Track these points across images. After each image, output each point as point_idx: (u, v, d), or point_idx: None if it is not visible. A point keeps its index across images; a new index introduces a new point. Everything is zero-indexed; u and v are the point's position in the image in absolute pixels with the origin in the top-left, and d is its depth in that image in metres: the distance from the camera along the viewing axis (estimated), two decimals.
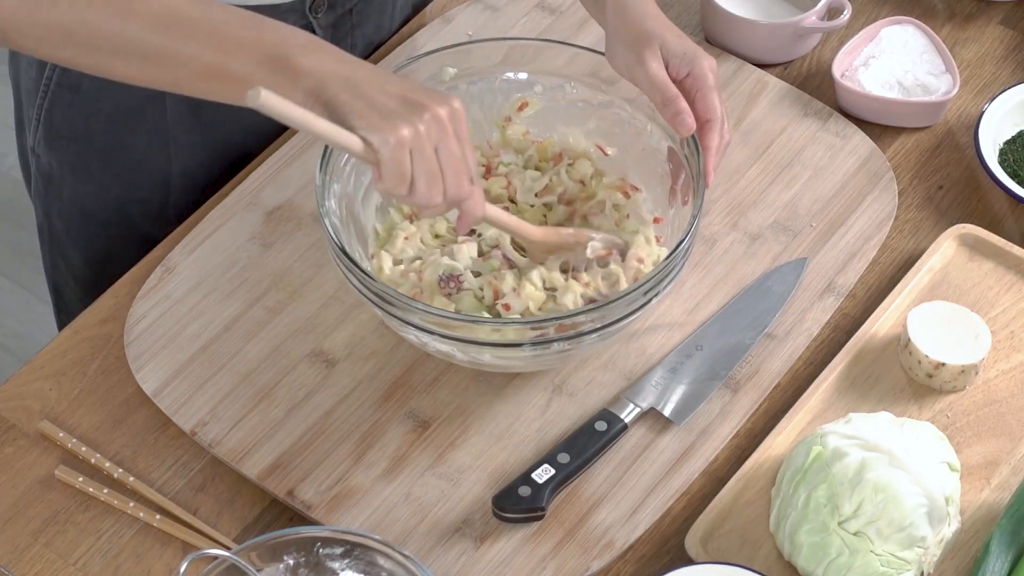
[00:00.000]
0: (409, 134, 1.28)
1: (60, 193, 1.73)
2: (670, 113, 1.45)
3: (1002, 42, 1.79)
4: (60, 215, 1.75)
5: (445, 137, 1.30)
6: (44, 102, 1.67)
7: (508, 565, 1.40)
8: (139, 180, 1.70)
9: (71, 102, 1.65)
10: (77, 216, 1.73)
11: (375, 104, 1.28)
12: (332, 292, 1.55)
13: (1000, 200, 1.66)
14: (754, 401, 1.49)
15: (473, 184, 1.33)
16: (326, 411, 1.48)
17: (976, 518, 1.42)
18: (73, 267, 1.79)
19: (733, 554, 1.40)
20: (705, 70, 1.46)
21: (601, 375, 1.51)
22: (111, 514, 1.43)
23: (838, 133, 1.68)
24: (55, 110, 1.66)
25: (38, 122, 1.68)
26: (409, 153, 1.28)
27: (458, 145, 1.31)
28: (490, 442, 1.47)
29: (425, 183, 1.30)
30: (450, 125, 1.30)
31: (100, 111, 1.65)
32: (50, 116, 1.67)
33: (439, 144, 1.29)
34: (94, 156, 1.68)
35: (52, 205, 1.75)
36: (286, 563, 1.31)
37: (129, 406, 1.50)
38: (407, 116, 1.28)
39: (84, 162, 1.69)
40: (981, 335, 1.50)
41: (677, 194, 1.50)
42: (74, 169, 1.70)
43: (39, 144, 1.70)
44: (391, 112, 1.28)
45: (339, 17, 1.68)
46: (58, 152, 1.69)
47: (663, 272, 1.40)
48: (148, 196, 1.71)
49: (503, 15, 1.77)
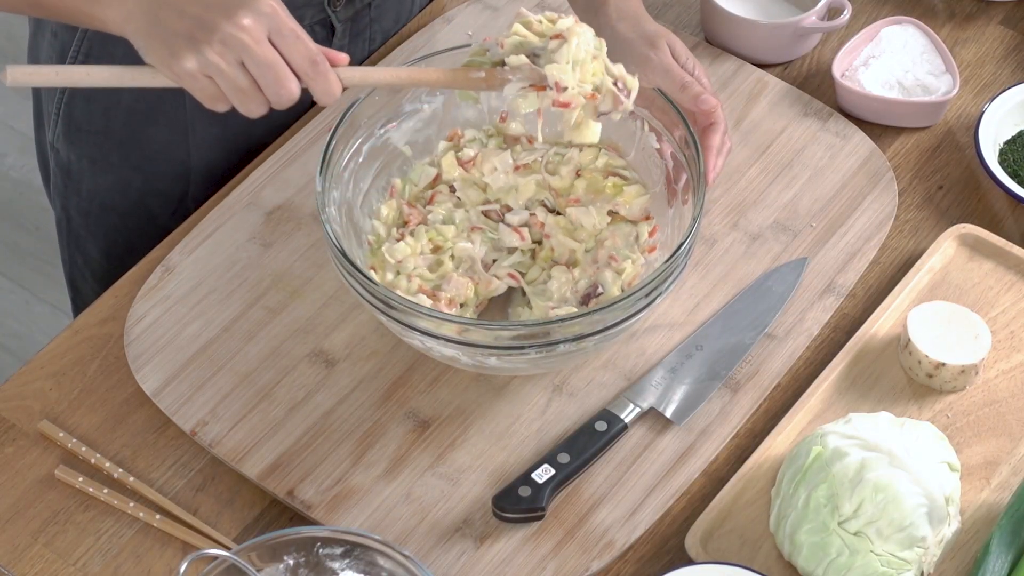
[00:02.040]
0: (196, 63, 1.29)
1: (79, 187, 1.74)
2: (690, 96, 1.49)
3: (1002, 42, 1.79)
4: (79, 209, 1.76)
5: (249, 48, 1.29)
6: (64, 96, 1.68)
7: (508, 565, 1.40)
8: (159, 172, 1.71)
9: (90, 96, 1.66)
10: (96, 210, 1.75)
11: (168, 34, 1.29)
12: (332, 292, 1.55)
13: (1000, 200, 1.66)
14: (754, 401, 1.49)
15: (318, 65, 1.32)
16: (326, 411, 1.48)
17: (976, 518, 1.42)
18: (91, 260, 1.80)
19: (733, 554, 1.40)
20: (703, 76, 1.53)
21: (601, 375, 1.51)
22: (111, 514, 1.43)
23: (838, 133, 1.68)
24: (74, 104, 1.68)
25: (57, 116, 1.70)
26: (210, 76, 1.29)
27: (270, 49, 1.30)
28: (490, 442, 1.47)
29: (238, 100, 1.31)
30: (258, 30, 1.29)
31: (119, 104, 1.66)
32: (69, 110, 1.68)
33: (244, 56, 1.29)
34: (113, 149, 1.70)
35: (71, 199, 1.76)
36: (286, 563, 1.31)
37: (129, 406, 1.50)
38: (197, 42, 1.28)
39: (104, 155, 1.70)
40: (981, 335, 1.50)
41: (677, 194, 1.50)
42: (93, 162, 1.71)
43: (58, 139, 1.71)
44: (183, 41, 1.29)
45: (358, 11, 1.69)
46: (77, 146, 1.71)
47: (665, 273, 1.40)
48: (167, 188, 1.72)
49: (503, 15, 1.78)
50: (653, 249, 1.51)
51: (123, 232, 1.75)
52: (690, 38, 1.76)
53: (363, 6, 1.69)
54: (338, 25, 1.68)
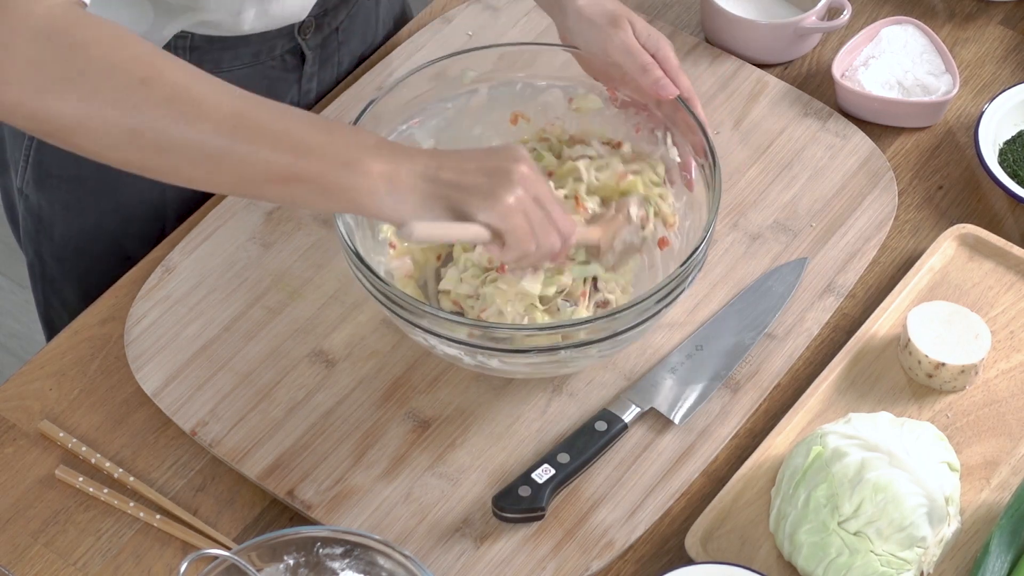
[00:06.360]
0: (515, 201, 1.31)
1: (52, 233, 1.71)
2: (651, 79, 1.48)
3: (1002, 42, 1.79)
4: (52, 254, 1.73)
5: (538, 185, 1.33)
6: (32, 143, 1.64)
7: (508, 565, 1.40)
8: (134, 213, 1.68)
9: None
10: (71, 255, 1.71)
11: (471, 187, 1.31)
12: (332, 292, 1.55)
13: (1000, 200, 1.66)
14: (754, 401, 1.49)
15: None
16: (326, 411, 1.48)
17: (976, 518, 1.42)
18: (68, 303, 1.77)
19: (733, 554, 1.40)
20: (669, 52, 1.51)
21: (601, 375, 1.51)
22: (111, 514, 1.43)
23: (838, 133, 1.68)
24: (44, 150, 1.64)
25: (26, 163, 1.66)
26: (524, 215, 1.32)
27: (546, 186, 1.34)
28: (490, 442, 1.47)
29: (544, 235, 1.33)
30: (532, 173, 1.33)
31: None
32: (39, 157, 1.65)
33: (536, 194, 1.33)
34: (87, 194, 1.66)
35: (43, 245, 1.73)
36: (286, 563, 1.31)
37: (129, 406, 1.50)
38: (503, 185, 1.31)
39: (77, 200, 1.67)
40: (981, 335, 1.50)
41: (694, 181, 1.49)
42: (67, 207, 1.68)
43: (28, 185, 1.68)
44: (488, 188, 1.31)
45: (326, 37, 1.69)
46: (48, 192, 1.67)
47: (676, 281, 1.40)
48: (143, 230, 1.69)
49: (503, 15, 1.78)
50: (665, 243, 1.51)
51: (99, 274, 1.69)
52: (690, 38, 1.76)
53: (331, 31, 1.69)
54: (308, 52, 1.67)
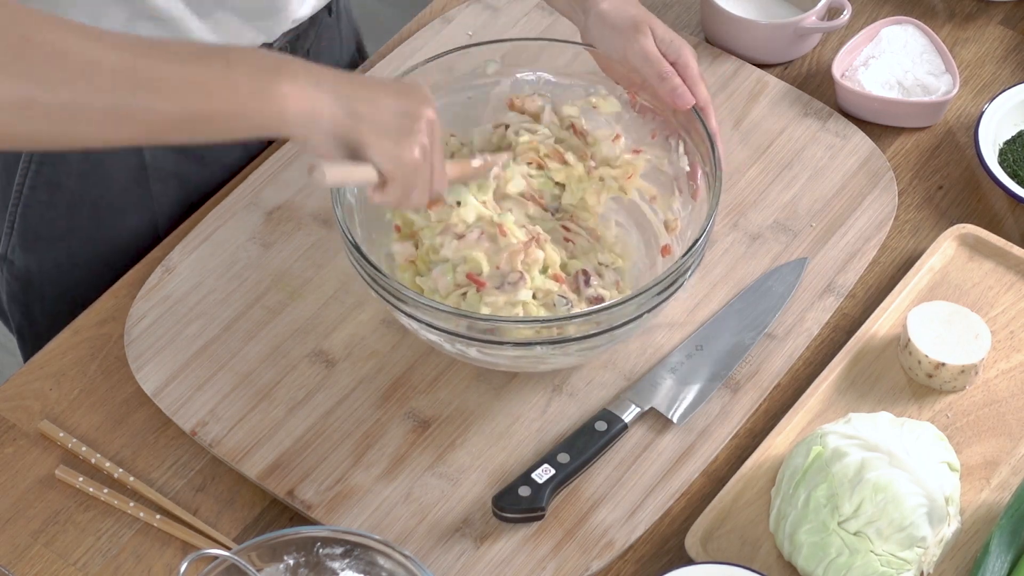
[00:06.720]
0: (415, 151, 1.29)
1: (42, 294, 1.68)
2: (668, 88, 1.47)
3: (1002, 42, 1.79)
4: (44, 313, 1.69)
5: (435, 133, 1.31)
6: (17, 208, 1.61)
7: (508, 565, 1.40)
8: (129, 261, 1.63)
9: (50, 202, 1.60)
10: (64, 310, 1.64)
11: (379, 125, 1.28)
12: (332, 292, 1.55)
13: (1000, 200, 1.66)
14: (754, 401, 1.49)
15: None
16: (326, 411, 1.48)
17: (976, 518, 1.42)
18: None
19: (733, 554, 1.40)
20: (689, 59, 1.50)
21: (601, 375, 1.51)
22: (111, 514, 1.43)
23: (838, 133, 1.68)
24: (30, 214, 1.61)
25: (11, 230, 1.63)
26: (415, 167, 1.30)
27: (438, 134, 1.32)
28: (490, 442, 1.47)
29: (423, 189, 1.32)
30: (435, 119, 1.31)
31: (84, 201, 1.60)
32: (25, 221, 1.62)
33: (431, 143, 1.31)
34: (80, 248, 1.64)
35: (34, 307, 1.70)
36: (286, 563, 1.31)
37: (129, 406, 1.50)
38: (411, 133, 1.29)
39: (69, 256, 1.64)
40: (981, 335, 1.50)
41: (699, 190, 1.49)
42: (58, 266, 1.65)
43: (13, 251, 1.65)
44: (394, 131, 1.28)
45: None
46: (37, 254, 1.65)
47: (677, 272, 1.40)
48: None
49: (503, 15, 1.78)
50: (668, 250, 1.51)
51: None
52: (690, 38, 1.76)
53: (302, 53, 1.66)
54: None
